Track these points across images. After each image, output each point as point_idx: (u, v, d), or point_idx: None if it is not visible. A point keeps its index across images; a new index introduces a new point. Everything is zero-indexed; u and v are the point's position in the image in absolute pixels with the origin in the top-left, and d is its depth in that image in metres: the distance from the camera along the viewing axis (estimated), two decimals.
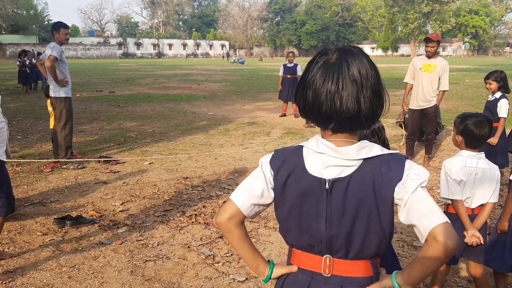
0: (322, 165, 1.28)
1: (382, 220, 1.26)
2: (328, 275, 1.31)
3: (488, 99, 5.60)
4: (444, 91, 6.47)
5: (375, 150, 1.27)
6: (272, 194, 1.37)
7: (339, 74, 1.21)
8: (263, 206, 1.40)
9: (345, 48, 1.28)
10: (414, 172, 1.23)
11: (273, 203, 1.40)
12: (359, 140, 1.30)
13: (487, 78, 5.49)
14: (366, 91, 1.22)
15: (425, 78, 6.40)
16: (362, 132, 1.63)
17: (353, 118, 1.22)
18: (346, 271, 1.30)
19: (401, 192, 1.22)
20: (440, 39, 6.44)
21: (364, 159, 1.26)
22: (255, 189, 1.38)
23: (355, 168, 1.26)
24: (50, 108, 6.49)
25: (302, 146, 1.35)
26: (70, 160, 6.29)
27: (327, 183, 1.27)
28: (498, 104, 5.36)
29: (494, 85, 5.42)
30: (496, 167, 2.65)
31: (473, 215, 2.63)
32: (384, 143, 2.12)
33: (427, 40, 6.31)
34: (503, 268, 2.86)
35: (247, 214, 1.39)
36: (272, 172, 1.35)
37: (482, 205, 2.63)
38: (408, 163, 1.25)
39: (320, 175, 1.28)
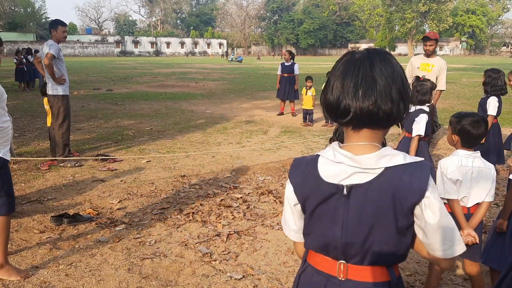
0: (340, 174, 1.27)
1: (400, 230, 1.25)
2: (343, 279, 1.32)
3: (482, 97, 5.63)
4: (441, 90, 6.48)
5: (397, 158, 1.24)
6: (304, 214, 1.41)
7: (359, 71, 1.24)
8: None
9: (371, 49, 1.31)
10: (435, 194, 1.23)
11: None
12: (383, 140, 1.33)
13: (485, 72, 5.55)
14: (387, 90, 1.22)
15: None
16: None
17: (372, 115, 1.23)
18: (361, 276, 1.30)
19: (422, 215, 1.23)
20: (438, 37, 6.46)
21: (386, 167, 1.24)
22: (292, 223, 1.44)
23: (375, 175, 1.24)
24: (47, 107, 6.48)
25: (318, 156, 1.35)
26: (67, 158, 6.29)
27: (345, 189, 1.26)
28: (487, 102, 5.38)
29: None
30: (491, 166, 2.66)
31: (469, 214, 2.64)
32: None
33: (425, 39, 6.33)
34: (502, 266, 2.88)
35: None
36: (292, 188, 1.38)
37: (477, 204, 2.64)
38: (431, 177, 1.23)
39: (339, 182, 1.28)
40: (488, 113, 5.33)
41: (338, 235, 1.29)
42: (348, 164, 1.26)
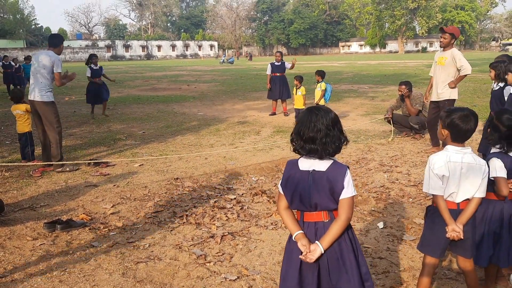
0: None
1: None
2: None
3: (493, 89, 5.55)
4: (464, 75, 6.67)
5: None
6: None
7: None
8: None
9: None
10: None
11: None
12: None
13: (490, 65, 5.49)
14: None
15: (438, 70, 6.81)
16: (323, 123, 2.12)
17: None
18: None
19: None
20: (455, 31, 6.71)
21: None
22: None
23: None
24: (19, 111, 6.67)
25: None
26: (64, 163, 6.30)
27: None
28: (506, 91, 5.19)
29: (493, 73, 5.40)
30: (483, 162, 2.64)
31: (458, 209, 2.64)
32: (342, 132, 2.19)
33: (441, 31, 6.67)
34: (482, 261, 2.90)
35: None
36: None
37: (468, 200, 2.64)
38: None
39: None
40: None
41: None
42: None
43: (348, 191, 2.13)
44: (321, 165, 2.17)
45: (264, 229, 4.22)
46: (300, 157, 2.24)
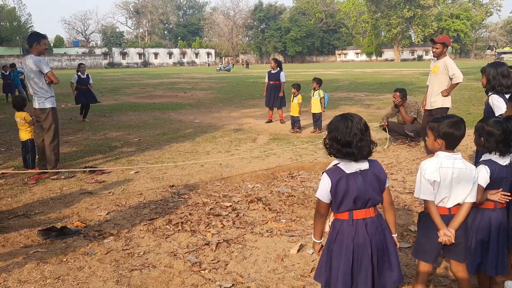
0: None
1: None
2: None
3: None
4: (456, 83, 6.77)
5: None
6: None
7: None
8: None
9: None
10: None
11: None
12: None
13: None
14: None
15: (432, 79, 6.93)
16: (358, 128, 2.36)
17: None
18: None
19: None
20: (446, 40, 6.83)
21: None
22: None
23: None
24: (21, 120, 6.48)
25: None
26: (59, 170, 6.27)
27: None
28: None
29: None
30: (473, 167, 2.68)
31: (450, 215, 2.66)
32: (370, 137, 2.45)
33: (432, 41, 6.81)
34: (470, 269, 2.90)
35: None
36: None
37: (459, 205, 2.66)
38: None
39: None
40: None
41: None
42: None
43: (387, 179, 2.49)
44: (364, 164, 2.42)
45: (260, 236, 4.21)
46: (335, 164, 2.44)
